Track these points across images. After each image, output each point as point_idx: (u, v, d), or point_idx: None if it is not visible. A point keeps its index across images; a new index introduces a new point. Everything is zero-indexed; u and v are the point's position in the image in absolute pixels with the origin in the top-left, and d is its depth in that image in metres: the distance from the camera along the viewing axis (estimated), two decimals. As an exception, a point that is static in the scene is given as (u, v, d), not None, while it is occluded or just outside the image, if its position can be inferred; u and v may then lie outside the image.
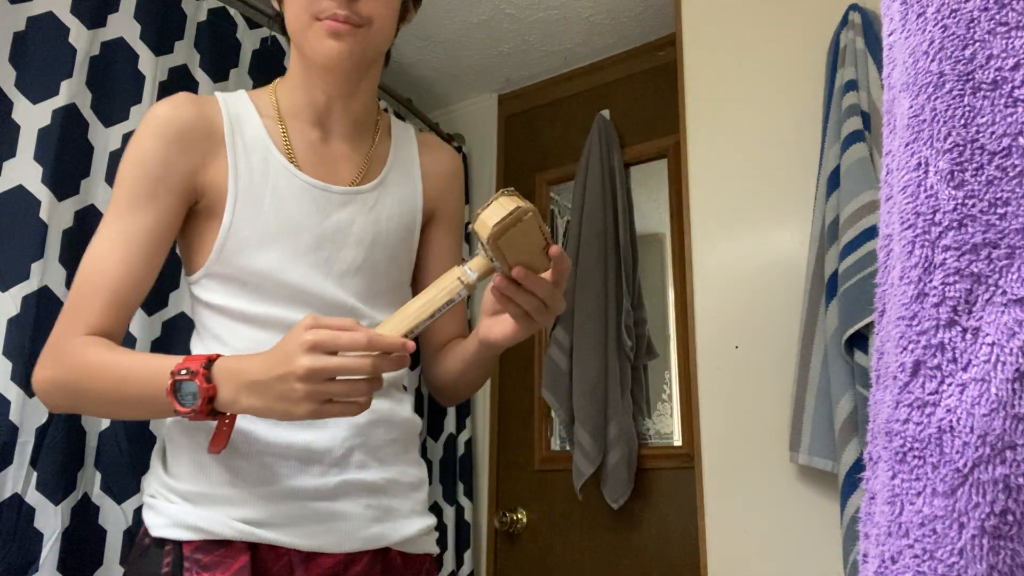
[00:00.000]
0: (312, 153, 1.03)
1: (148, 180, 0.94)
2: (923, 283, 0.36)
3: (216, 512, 0.91)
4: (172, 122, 0.95)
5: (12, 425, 1.38)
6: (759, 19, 1.84)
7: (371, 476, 0.98)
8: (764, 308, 1.69)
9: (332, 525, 0.94)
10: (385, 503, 0.99)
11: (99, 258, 0.93)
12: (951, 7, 0.37)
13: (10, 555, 1.35)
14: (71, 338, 0.90)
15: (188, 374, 0.81)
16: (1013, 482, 0.33)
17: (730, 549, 1.62)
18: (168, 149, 0.94)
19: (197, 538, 0.90)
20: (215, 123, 0.98)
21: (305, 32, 0.97)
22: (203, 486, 0.92)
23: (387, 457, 1.01)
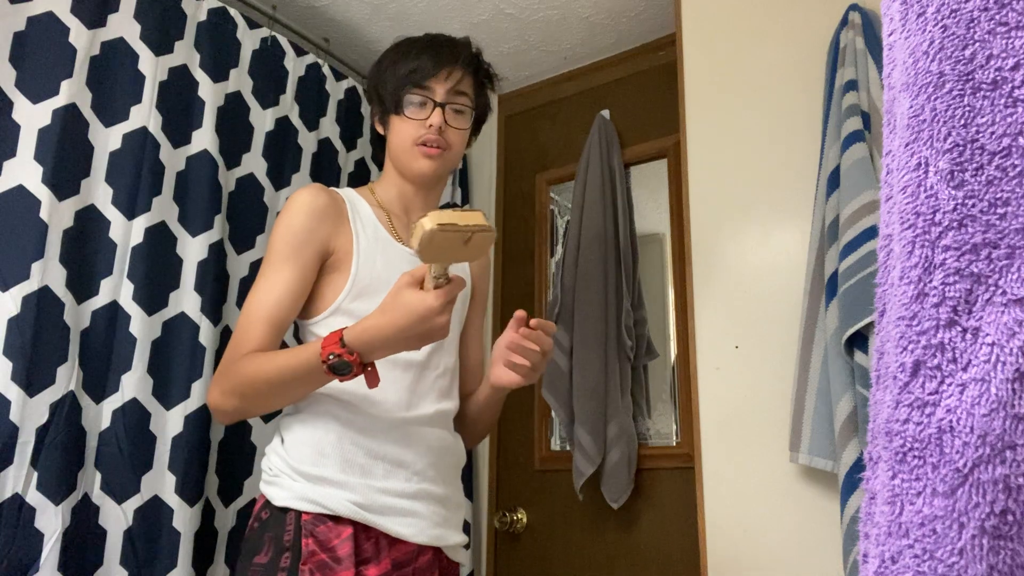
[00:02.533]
0: (403, 229, 1.43)
1: (297, 243, 1.28)
2: (923, 283, 0.36)
3: (334, 492, 1.20)
4: (314, 203, 1.31)
5: (12, 425, 1.38)
6: (759, 19, 1.84)
7: (439, 490, 1.30)
8: (764, 308, 1.69)
9: (411, 520, 1.24)
10: (444, 513, 1.31)
11: (257, 301, 1.26)
12: (951, 7, 0.37)
13: (11, 555, 1.34)
14: (237, 358, 1.20)
15: (335, 358, 1.10)
16: (1013, 482, 0.33)
17: (730, 549, 1.62)
18: (310, 220, 1.30)
19: (314, 510, 1.19)
20: (342, 206, 1.36)
21: (407, 152, 1.39)
22: (323, 470, 1.22)
23: (449, 477, 1.35)
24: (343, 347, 1.10)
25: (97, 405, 1.55)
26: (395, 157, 1.42)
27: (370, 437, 1.25)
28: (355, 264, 1.31)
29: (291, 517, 1.19)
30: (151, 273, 1.65)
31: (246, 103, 1.96)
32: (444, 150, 1.38)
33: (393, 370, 1.28)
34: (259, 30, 2.04)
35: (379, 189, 1.46)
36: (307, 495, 1.20)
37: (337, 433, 1.25)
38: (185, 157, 1.79)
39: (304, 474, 1.22)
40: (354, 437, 1.25)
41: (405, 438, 1.28)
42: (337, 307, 1.31)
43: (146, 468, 1.58)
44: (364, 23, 2.36)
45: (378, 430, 1.26)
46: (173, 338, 1.68)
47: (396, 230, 1.41)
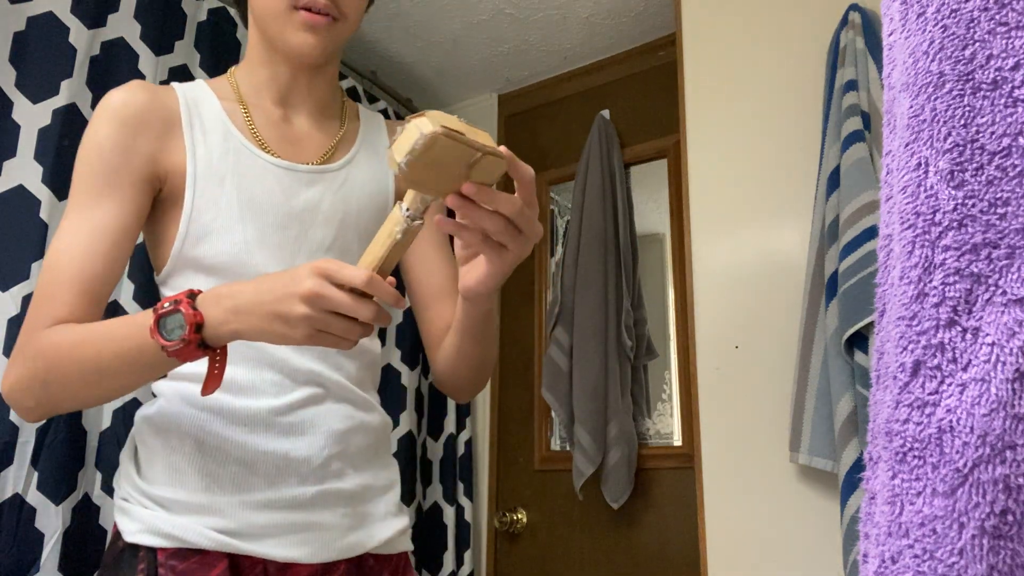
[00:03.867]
0: (275, 132, 1.00)
1: (108, 168, 0.90)
2: (923, 283, 0.36)
3: (192, 520, 0.87)
4: (127, 106, 0.92)
5: (12, 425, 1.38)
6: (759, 19, 1.84)
7: (348, 484, 0.96)
8: (764, 308, 1.69)
9: (309, 536, 0.92)
10: (361, 510, 0.98)
11: (63, 251, 0.87)
12: (951, 7, 0.37)
13: (11, 555, 1.35)
14: (37, 332, 0.85)
15: (172, 305, 0.77)
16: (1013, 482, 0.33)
17: (730, 549, 1.62)
18: (125, 134, 0.90)
19: (172, 545, 0.87)
20: (171, 107, 0.94)
21: (280, 19, 0.94)
22: (178, 492, 0.89)
23: (361, 463, 0.99)
24: (190, 299, 0.78)
25: (97, 405, 1.55)
26: (263, 24, 0.98)
27: (242, 436, 0.90)
28: (190, 191, 0.92)
29: (143, 555, 0.87)
30: (151, 273, 1.65)
31: (246, 103, 1.96)
32: (336, 20, 0.95)
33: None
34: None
35: (241, 74, 1.03)
36: (159, 527, 0.87)
37: (196, 438, 0.90)
38: (185, 157, 1.79)
39: (157, 499, 0.89)
40: (219, 440, 0.90)
41: (295, 427, 0.93)
42: (178, 258, 0.93)
43: (146, 468, 1.58)
44: (364, 23, 2.36)
45: (253, 423, 0.91)
46: (173, 338, 1.68)
47: (262, 134, 0.98)
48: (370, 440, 1.01)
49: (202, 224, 0.92)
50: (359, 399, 1.00)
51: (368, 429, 1.01)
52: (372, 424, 1.02)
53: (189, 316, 0.76)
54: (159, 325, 0.77)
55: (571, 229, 2.23)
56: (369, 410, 1.02)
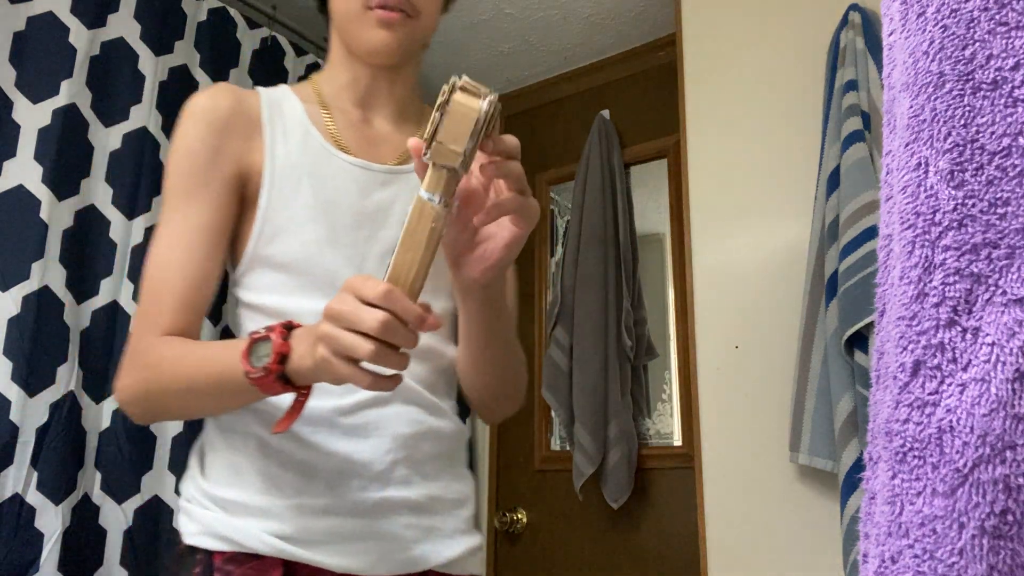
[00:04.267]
0: (355, 133, 0.99)
1: (199, 169, 0.91)
2: (923, 283, 0.36)
3: (249, 523, 0.86)
4: (213, 109, 0.93)
5: (12, 425, 1.38)
6: (759, 19, 1.84)
7: (414, 493, 0.91)
8: (764, 308, 1.69)
9: (369, 545, 0.88)
10: (427, 522, 0.92)
11: (162, 257, 0.89)
12: (951, 7, 0.37)
13: (11, 555, 1.35)
14: (146, 340, 0.87)
15: (265, 331, 0.75)
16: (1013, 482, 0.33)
17: (730, 549, 1.62)
18: (212, 135, 0.91)
19: (229, 549, 0.85)
20: (254, 109, 0.95)
21: (355, 20, 0.94)
22: (238, 494, 0.87)
23: (431, 472, 0.94)
24: (285, 329, 0.75)
25: (97, 405, 1.55)
26: (341, 28, 0.99)
27: (304, 436, 0.88)
28: (265, 190, 0.92)
29: (200, 558, 0.86)
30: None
31: (246, 103, 1.96)
32: (410, 16, 0.94)
33: None
34: (259, 30, 2.04)
35: (323, 79, 1.03)
36: (217, 530, 0.86)
37: (258, 438, 0.89)
38: (185, 157, 1.79)
39: (217, 500, 0.88)
40: (280, 440, 0.88)
41: (358, 429, 0.90)
42: (252, 256, 0.93)
43: (146, 468, 1.58)
44: (364, 23, 2.36)
45: (316, 423, 0.89)
46: (173, 338, 1.68)
47: (341, 135, 0.98)
48: (441, 448, 0.96)
49: (276, 223, 0.92)
50: (428, 403, 0.95)
51: (439, 436, 0.96)
52: (443, 431, 0.97)
53: (277, 345, 0.74)
54: (250, 350, 0.76)
55: (571, 229, 2.23)
56: (440, 416, 0.97)
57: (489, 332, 0.90)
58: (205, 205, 0.90)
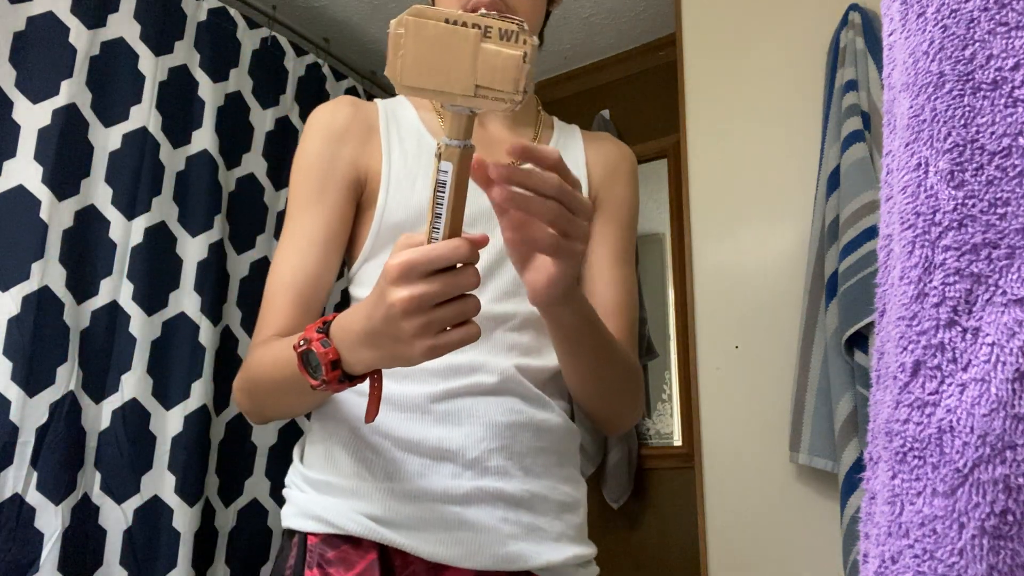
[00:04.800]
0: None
1: (316, 178, 0.94)
2: (923, 283, 0.36)
3: (340, 503, 0.86)
4: (333, 120, 0.97)
5: (12, 425, 1.38)
6: (759, 19, 1.84)
7: (512, 487, 0.87)
8: (764, 308, 1.69)
9: (461, 535, 0.84)
10: (528, 520, 0.88)
11: (280, 261, 0.93)
12: (951, 7, 0.37)
13: (10, 555, 1.35)
14: (256, 343, 0.90)
15: (305, 344, 0.73)
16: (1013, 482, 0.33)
17: (730, 549, 1.62)
18: (331, 144, 0.95)
19: (322, 530, 0.86)
20: (372, 116, 0.99)
21: None
22: (331, 475, 0.88)
23: (535, 467, 0.90)
24: (320, 333, 0.74)
25: (97, 405, 1.55)
26: None
27: (396, 422, 0.88)
28: (383, 191, 0.94)
29: (296, 541, 0.88)
30: (151, 273, 1.65)
31: (246, 103, 1.97)
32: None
33: None
34: (259, 30, 2.04)
35: None
36: (311, 510, 0.87)
37: (352, 425, 0.90)
38: (185, 157, 1.79)
39: (312, 482, 0.90)
40: (374, 428, 0.88)
41: (451, 416, 0.88)
42: (367, 256, 0.96)
43: (146, 468, 1.58)
44: (364, 23, 2.36)
45: (409, 409, 0.88)
46: (173, 338, 1.68)
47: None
48: (545, 443, 0.92)
49: (393, 224, 0.93)
50: (531, 395, 0.92)
51: (541, 429, 0.91)
52: (546, 424, 0.92)
53: (322, 355, 0.72)
54: (304, 362, 0.74)
55: (571, 229, 2.23)
56: (544, 408, 0.92)
57: (571, 342, 0.85)
58: (320, 214, 0.93)
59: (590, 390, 0.93)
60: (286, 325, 0.89)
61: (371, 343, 0.69)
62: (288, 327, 0.89)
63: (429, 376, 0.88)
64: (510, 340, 0.92)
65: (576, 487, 0.97)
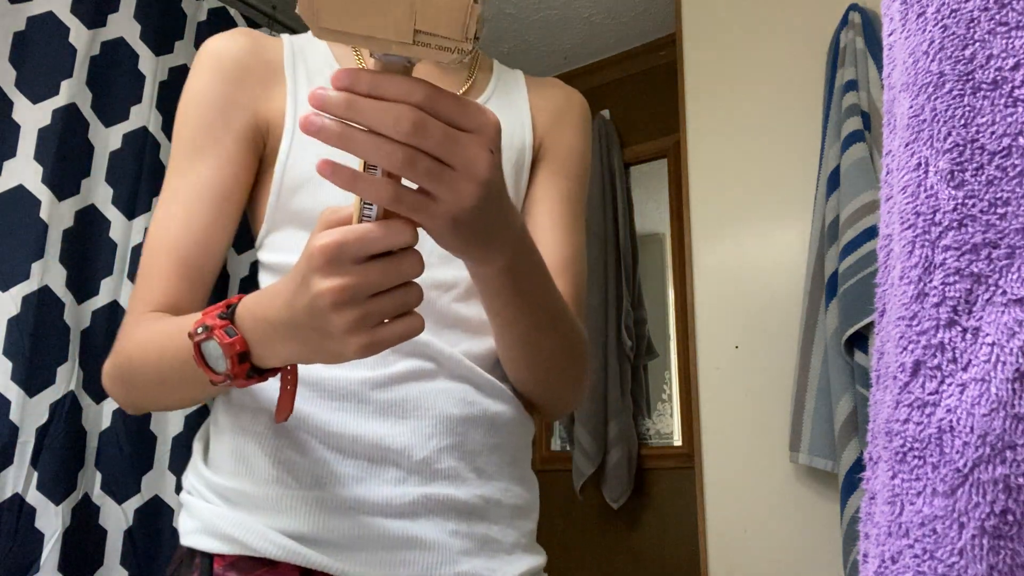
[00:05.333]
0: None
1: (206, 122, 0.79)
2: (923, 283, 0.36)
3: (257, 520, 0.70)
4: (226, 54, 0.80)
5: (12, 425, 1.38)
6: (759, 19, 1.84)
7: (464, 493, 0.74)
8: (764, 308, 1.69)
9: (405, 555, 0.71)
10: (481, 531, 0.75)
11: (158, 225, 0.77)
12: (951, 7, 0.37)
13: (11, 555, 1.35)
14: (131, 319, 0.75)
15: (204, 332, 0.60)
16: (1013, 482, 0.33)
17: (730, 549, 1.62)
18: (225, 83, 0.79)
19: (232, 551, 0.70)
20: (275, 54, 0.83)
21: None
22: (243, 482, 0.72)
23: (488, 468, 0.77)
24: (223, 319, 0.60)
25: (97, 405, 1.55)
26: None
27: (327, 413, 0.73)
28: (287, 138, 0.79)
29: (197, 563, 0.72)
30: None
31: (246, 103, 1.97)
32: None
33: None
34: (259, 30, 2.04)
35: None
36: (218, 527, 0.71)
37: (270, 419, 0.74)
38: (185, 157, 1.79)
39: (220, 490, 0.74)
40: (299, 418, 0.72)
41: (394, 407, 0.73)
42: (270, 225, 0.80)
43: (146, 468, 1.58)
44: (364, 23, 2.36)
45: (343, 397, 0.73)
46: (173, 338, 1.68)
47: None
48: (498, 439, 0.78)
49: (296, 176, 0.78)
50: (483, 382, 0.78)
51: (495, 423, 0.78)
52: (501, 417, 0.78)
53: (227, 346, 0.59)
54: (201, 354, 0.61)
55: (571, 229, 2.23)
56: (498, 398, 0.79)
57: (493, 299, 0.69)
58: (211, 163, 0.78)
59: (522, 362, 0.77)
60: (168, 297, 0.74)
61: (291, 336, 0.57)
62: (171, 300, 0.74)
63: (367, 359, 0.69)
64: (454, 313, 0.77)
65: (529, 487, 0.84)
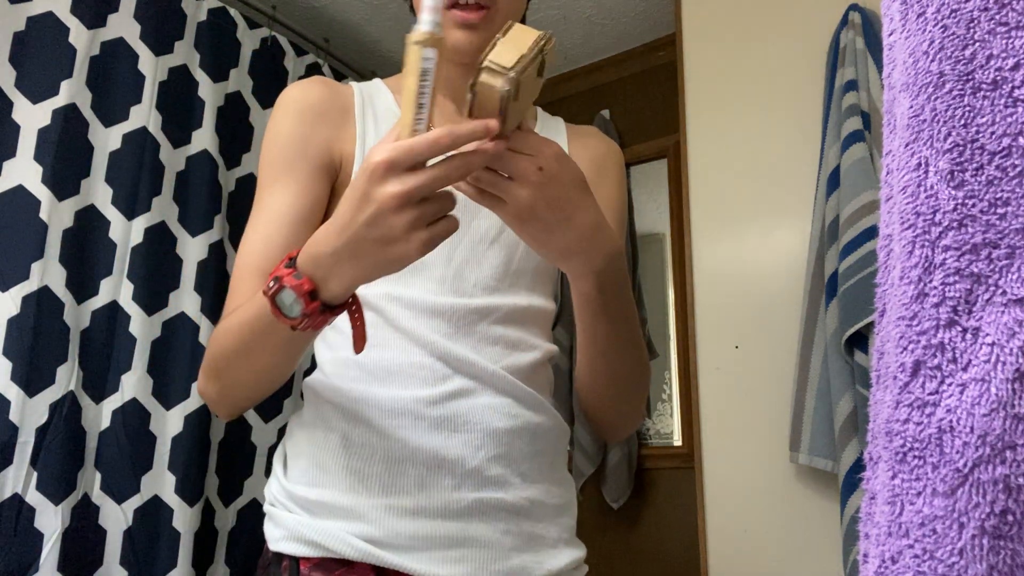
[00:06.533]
0: (448, 123, 0.89)
1: (285, 156, 0.89)
2: (923, 283, 0.36)
3: (335, 526, 0.81)
4: (304, 98, 0.92)
5: (12, 425, 1.38)
6: (759, 19, 1.84)
7: (512, 496, 0.84)
8: (764, 308, 1.69)
9: (464, 552, 0.81)
10: (528, 529, 0.85)
11: (245, 243, 0.87)
12: (951, 7, 0.37)
13: (10, 555, 1.35)
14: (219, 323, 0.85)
15: (275, 284, 0.70)
16: (1013, 482, 0.33)
17: (730, 549, 1.62)
18: (302, 123, 0.90)
19: (316, 555, 0.81)
20: (347, 99, 0.95)
21: None
22: (322, 494, 0.83)
23: (531, 473, 0.87)
24: (289, 267, 0.71)
25: (97, 405, 1.55)
26: None
27: (389, 429, 0.83)
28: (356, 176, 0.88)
29: (286, 565, 0.82)
30: (151, 273, 1.65)
31: (246, 103, 1.96)
32: (488, 9, 0.89)
33: (419, 317, 0.87)
34: (259, 30, 2.04)
35: None
36: (302, 533, 0.82)
37: (342, 433, 0.85)
38: (185, 157, 1.79)
39: (301, 502, 0.84)
40: (365, 434, 0.83)
41: (446, 421, 0.84)
42: None
43: (146, 468, 1.58)
44: (364, 23, 2.36)
45: (400, 414, 0.84)
46: (173, 338, 1.68)
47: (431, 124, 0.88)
48: (539, 447, 0.89)
49: None
50: (525, 395, 0.88)
51: (537, 432, 0.89)
52: (542, 427, 0.89)
53: (297, 287, 0.69)
54: (276, 306, 0.70)
55: (571, 229, 2.23)
56: (538, 410, 0.90)
57: (587, 313, 0.83)
58: (289, 191, 0.87)
59: (602, 375, 0.89)
60: None
61: (354, 254, 0.66)
62: None
63: (418, 373, 0.85)
64: (493, 333, 0.88)
65: (567, 488, 0.94)
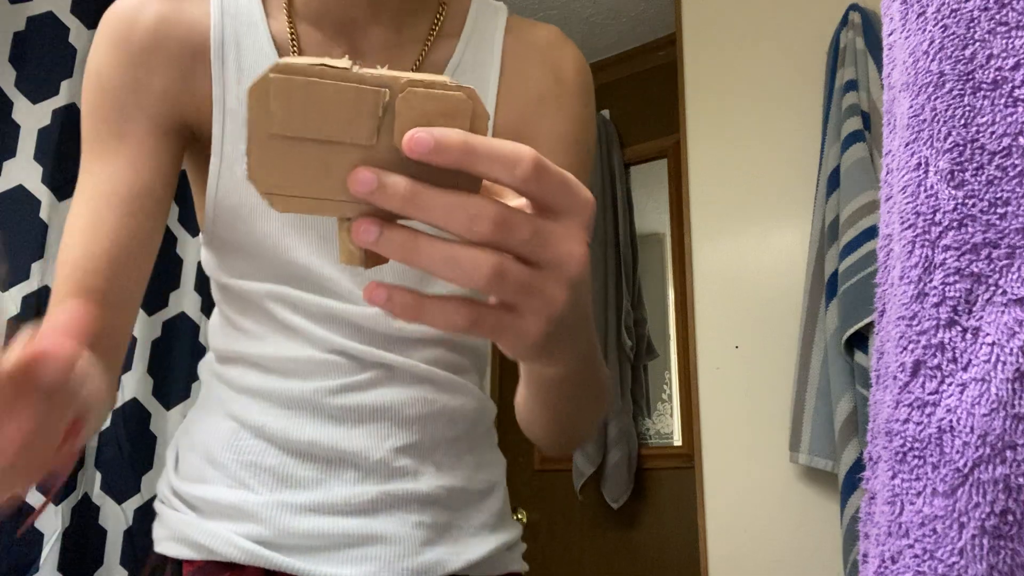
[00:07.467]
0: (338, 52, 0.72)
1: (111, 113, 0.67)
2: (923, 283, 0.36)
3: (221, 526, 0.70)
4: (135, 28, 0.67)
5: (12, 425, 1.38)
6: (759, 19, 1.84)
7: (426, 486, 0.73)
8: (764, 308, 1.69)
9: (368, 551, 0.71)
10: (445, 519, 0.74)
11: (66, 229, 0.67)
12: (951, 7, 0.37)
13: (11, 555, 1.35)
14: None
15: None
16: (1013, 482, 0.33)
17: (730, 549, 1.62)
18: (133, 66, 0.67)
19: (200, 557, 0.70)
20: (198, 27, 0.69)
21: None
22: (208, 490, 0.72)
23: (447, 460, 0.76)
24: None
25: (97, 405, 1.55)
26: None
27: (282, 421, 0.71)
28: (215, 159, 0.69)
29: (169, 570, 0.72)
30: (151, 273, 1.66)
31: (246, 103, 1.97)
32: None
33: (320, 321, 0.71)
34: None
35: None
36: (186, 533, 0.71)
37: (232, 428, 0.73)
38: (185, 157, 1.79)
39: (188, 499, 0.73)
40: (257, 427, 0.72)
41: (347, 413, 0.72)
42: (207, 241, 0.74)
43: (146, 468, 1.58)
44: (364, 23, 2.36)
45: (297, 405, 0.72)
46: (173, 338, 1.68)
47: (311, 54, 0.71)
48: (458, 431, 0.77)
49: (230, 205, 0.70)
50: (441, 379, 0.76)
51: (456, 417, 0.76)
52: (461, 410, 0.77)
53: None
54: None
55: (571, 229, 2.23)
56: (456, 393, 0.77)
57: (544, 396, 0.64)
58: (118, 159, 0.67)
59: (553, 433, 0.74)
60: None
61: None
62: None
63: (320, 367, 0.71)
64: (408, 330, 0.74)
65: (493, 470, 0.83)
